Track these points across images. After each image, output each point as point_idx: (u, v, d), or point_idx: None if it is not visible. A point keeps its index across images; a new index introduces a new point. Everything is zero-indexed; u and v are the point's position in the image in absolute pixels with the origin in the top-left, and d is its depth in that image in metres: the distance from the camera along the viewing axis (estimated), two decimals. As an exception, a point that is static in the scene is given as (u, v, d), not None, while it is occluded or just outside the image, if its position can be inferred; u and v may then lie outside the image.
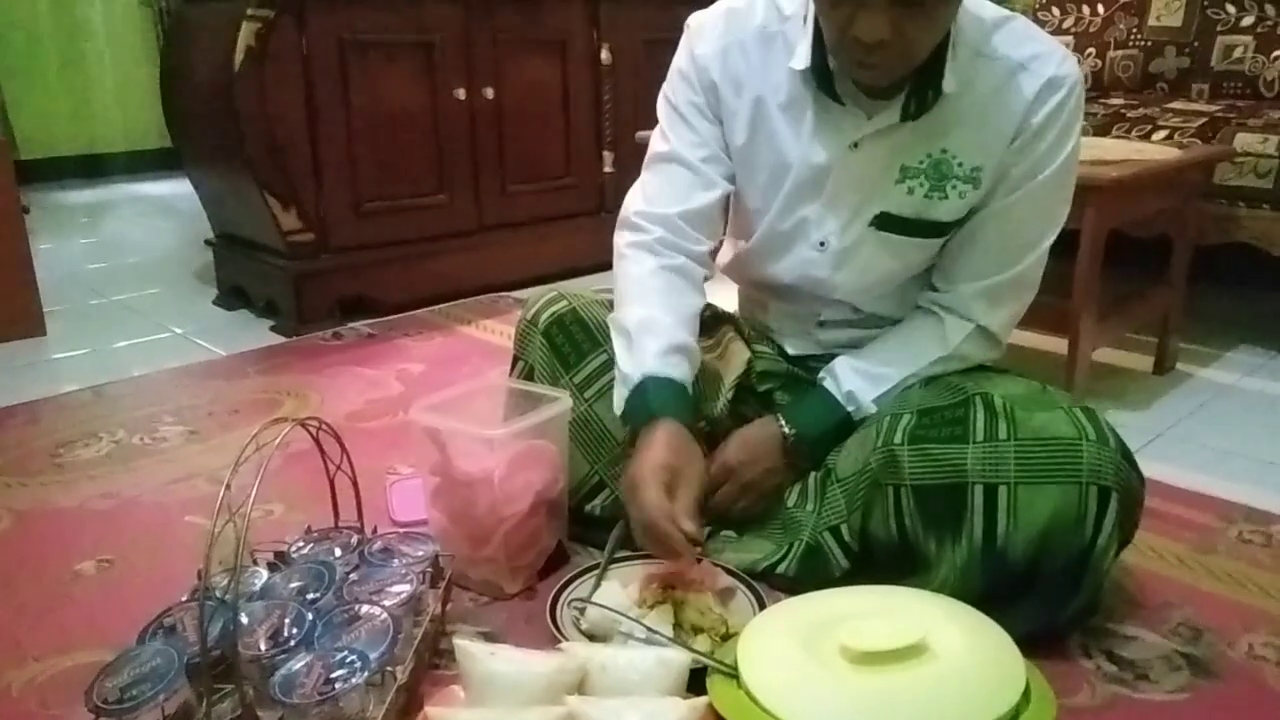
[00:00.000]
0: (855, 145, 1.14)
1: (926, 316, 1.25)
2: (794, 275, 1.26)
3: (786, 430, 1.24)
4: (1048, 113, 1.11)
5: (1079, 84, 1.13)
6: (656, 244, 1.22)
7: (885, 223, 1.19)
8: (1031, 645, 0.98)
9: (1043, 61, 1.11)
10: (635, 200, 1.26)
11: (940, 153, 1.14)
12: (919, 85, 1.10)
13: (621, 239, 1.26)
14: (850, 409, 1.23)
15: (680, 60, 1.23)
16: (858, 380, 1.23)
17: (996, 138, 1.13)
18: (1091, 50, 2.67)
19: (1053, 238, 1.20)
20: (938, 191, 1.16)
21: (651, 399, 1.13)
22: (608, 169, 2.89)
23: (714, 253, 1.29)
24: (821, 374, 1.27)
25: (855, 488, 1.15)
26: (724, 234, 1.31)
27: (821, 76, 1.12)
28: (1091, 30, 2.69)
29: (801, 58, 1.12)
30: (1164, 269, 2.01)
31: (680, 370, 1.16)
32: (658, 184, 1.25)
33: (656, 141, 1.26)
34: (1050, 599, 1.05)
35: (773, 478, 1.25)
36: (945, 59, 1.08)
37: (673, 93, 1.24)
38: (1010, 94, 1.11)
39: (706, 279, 1.27)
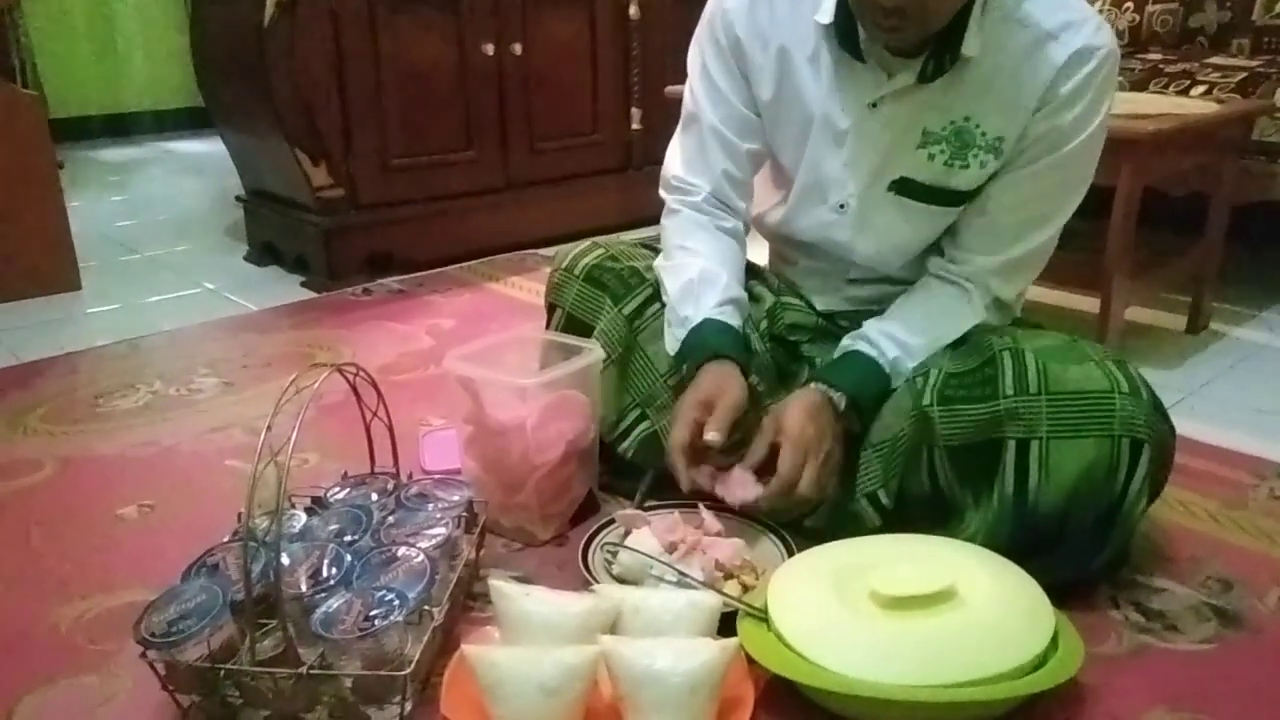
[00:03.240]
0: (874, 105, 1.13)
1: (949, 287, 1.21)
2: (816, 236, 1.26)
3: (835, 396, 1.16)
4: (1075, 84, 1.08)
5: (1111, 56, 1.09)
6: (704, 204, 1.26)
7: (904, 188, 1.18)
8: (1060, 596, 0.99)
9: (1074, 30, 1.08)
10: (674, 163, 1.30)
11: (964, 120, 1.12)
12: (939, 48, 1.08)
13: (669, 198, 1.30)
14: (890, 375, 1.18)
15: (709, 12, 1.23)
16: (896, 349, 1.18)
17: (1021, 107, 1.10)
18: (1129, 5, 2.61)
19: (1068, 215, 1.18)
20: (959, 160, 1.14)
21: (710, 338, 1.18)
22: (635, 126, 2.87)
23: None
24: (857, 344, 1.20)
25: (892, 453, 1.15)
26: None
27: (844, 32, 1.11)
28: (1130, -16, 2.64)
29: (827, 11, 1.11)
30: (1198, 227, 1.99)
31: (736, 320, 1.21)
32: (691, 147, 1.27)
33: (687, 99, 1.28)
34: (1080, 550, 1.06)
35: (840, 446, 1.15)
36: (968, 21, 1.05)
37: (700, 47, 1.25)
38: (1038, 62, 1.08)
39: (746, 233, 1.31)
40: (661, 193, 1.31)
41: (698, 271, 1.22)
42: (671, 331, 1.23)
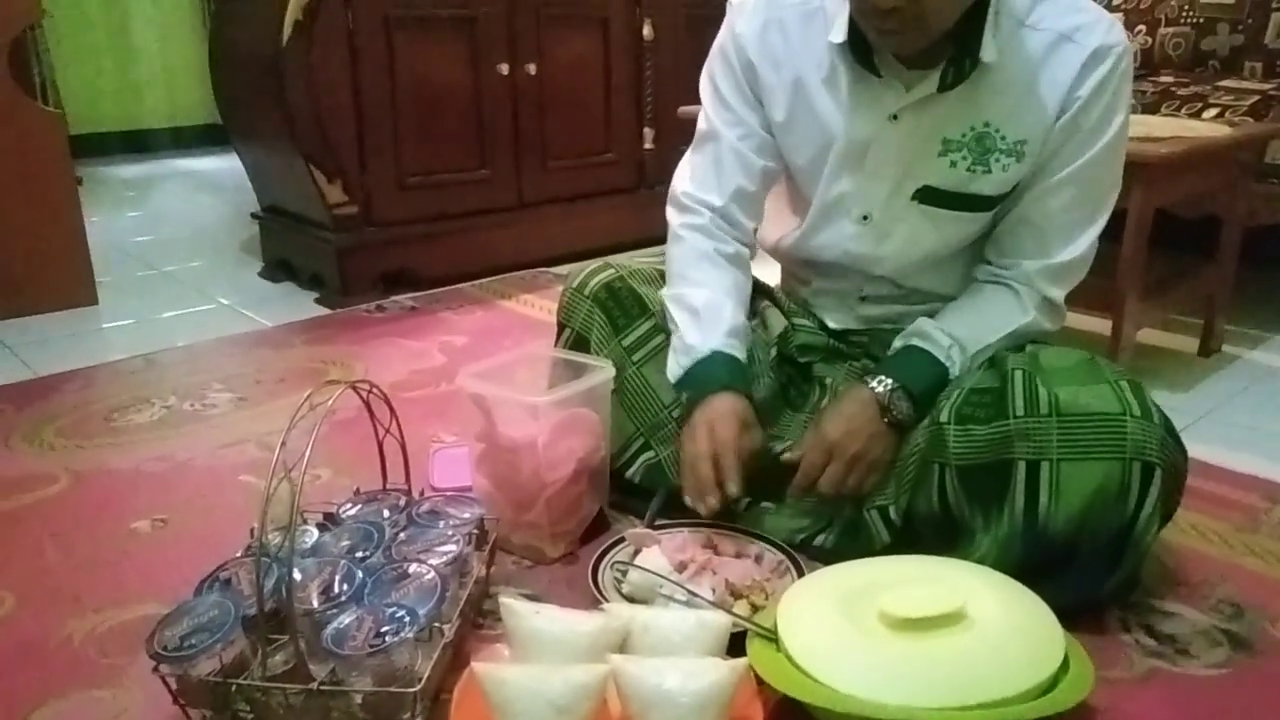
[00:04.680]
0: (894, 117, 1.14)
1: (998, 287, 1.22)
2: (838, 251, 1.27)
3: (880, 389, 1.16)
4: (1094, 85, 1.10)
5: (1126, 53, 1.12)
6: (711, 226, 1.26)
7: (928, 196, 1.19)
8: (1071, 619, 0.98)
9: (1087, 31, 1.10)
10: (684, 179, 1.30)
11: (983, 126, 1.14)
12: (957, 54, 1.09)
13: (675, 219, 1.29)
14: (947, 364, 1.18)
15: (721, 37, 1.25)
16: (949, 339, 1.18)
17: (1040, 110, 1.12)
18: (1142, 27, 2.62)
19: (1109, 212, 1.20)
20: (981, 165, 1.15)
21: (721, 371, 1.18)
22: (648, 145, 2.89)
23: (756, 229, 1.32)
24: (909, 339, 1.21)
25: (905, 468, 1.15)
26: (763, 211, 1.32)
27: (858, 49, 1.12)
28: (1142, 6, 2.64)
29: (840, 30, 1.12)
30: (1211, 250, 1.98)
31: (741, 353, 1.22)
32: (703, 165, 1.28)
33: (700, 119, 1.29)
34: (1091, 573, 1.05)
35: (878, 444, 1.16)
36: (984, 27, 1.07)
37: (713, 71, 1.26)
38: (1054, 66, 1.10)
39: (752, 257, 1.31)
40: (669, 210, 1.31)
41: (703, 302, 1.22)
42: (676, 358, 1.23)
